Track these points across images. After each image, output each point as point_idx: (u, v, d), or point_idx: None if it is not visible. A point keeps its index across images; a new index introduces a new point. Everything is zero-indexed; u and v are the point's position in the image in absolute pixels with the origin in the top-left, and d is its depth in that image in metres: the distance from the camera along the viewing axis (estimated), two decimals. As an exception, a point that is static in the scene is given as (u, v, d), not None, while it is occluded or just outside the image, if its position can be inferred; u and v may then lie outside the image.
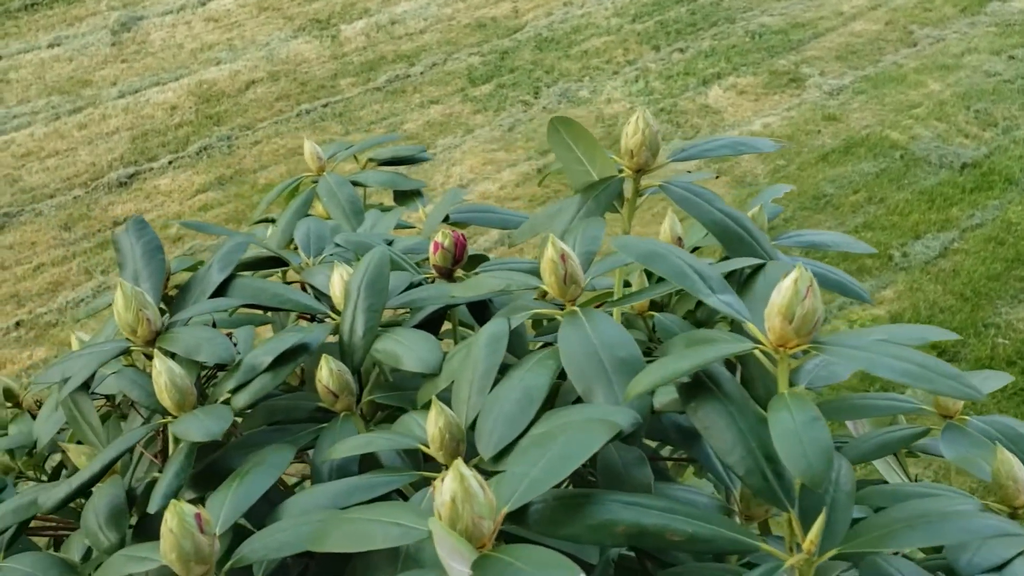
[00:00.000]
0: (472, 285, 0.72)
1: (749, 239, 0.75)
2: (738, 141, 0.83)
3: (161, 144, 5.38)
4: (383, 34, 6.19)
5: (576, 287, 0.67)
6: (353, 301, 0.76)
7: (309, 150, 1.19)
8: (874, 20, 6.33)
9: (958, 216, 4.72)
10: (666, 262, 0.62)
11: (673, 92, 5.65)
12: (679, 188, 0.76)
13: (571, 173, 0.80)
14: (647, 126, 0.78)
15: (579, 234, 0.73)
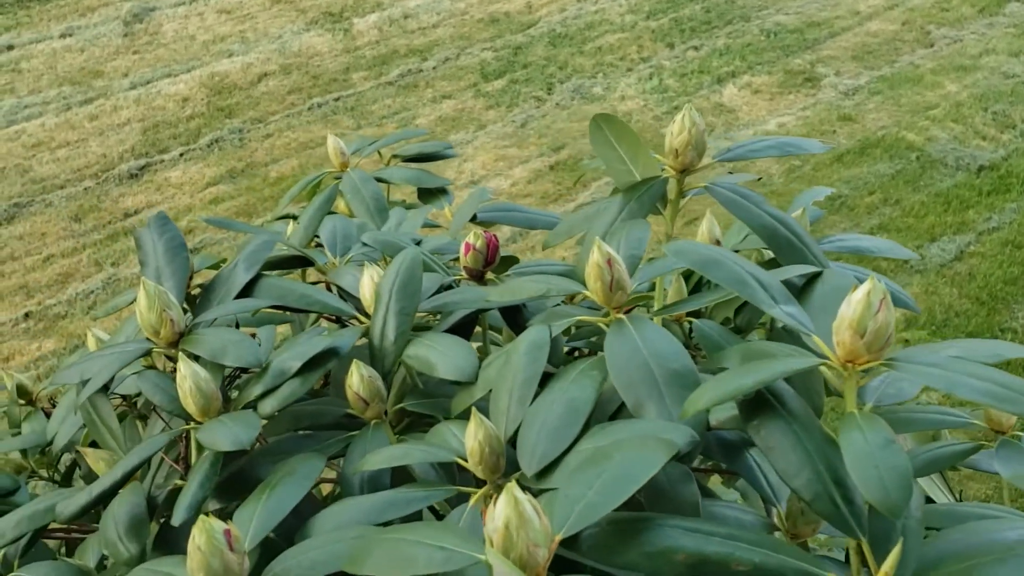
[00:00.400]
0: (510, 289, 0.69)
1: (799, 244, 0.71)
2: (785, 142, 0.79)
3: (172, 136, 5.36)
4: (396, 28, 6.16)
5: (622, 293, 0.64)
6: (384, 304, 0.73)
7: (332, 145, 1.16)
8: (891, 20, 6.28)
9: (974, 219, 4.67)
10: (725, 269, 0.59)
11: (687, 90, 5.60)
12: (725, 190, 0.72)
13: (613, 172, 0.77)
14: (693, 125, 0.75)
15: (622, 237, 0.70)
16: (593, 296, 0.65)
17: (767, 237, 0.71)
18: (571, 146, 5.17)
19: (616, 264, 0.63)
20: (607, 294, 0.64)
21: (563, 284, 0.67)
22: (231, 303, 0.74)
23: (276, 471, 0.63)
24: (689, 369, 0.58)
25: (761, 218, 0.71)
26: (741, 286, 0.58)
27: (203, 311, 0.75)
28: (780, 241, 0.71)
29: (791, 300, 0.57)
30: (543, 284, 0.66)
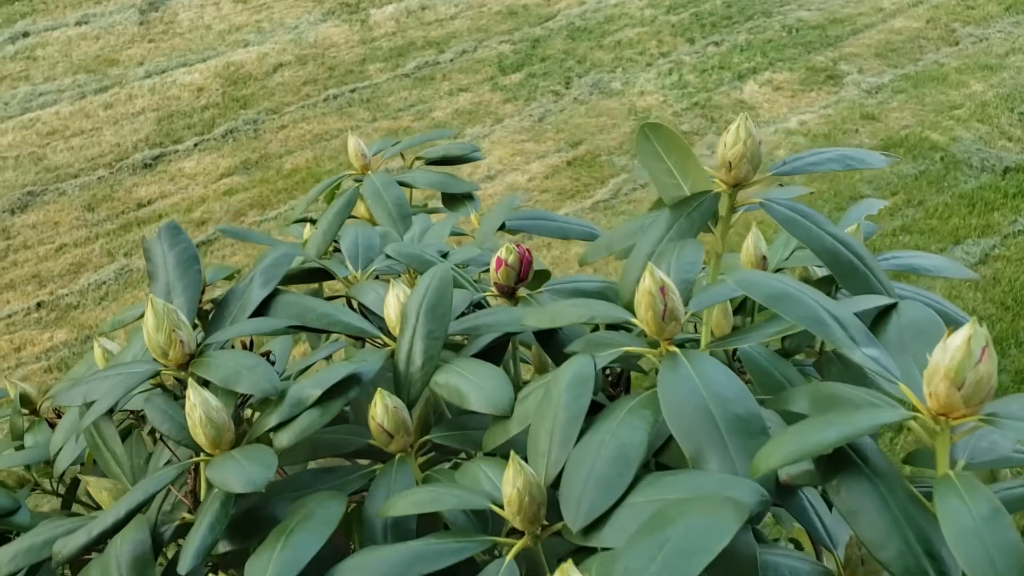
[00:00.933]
0: (548, 314, 0.63)
1: (862, 268, 0.65)
2: (846, 155, 0.73)
3: (187, 126, 5.31)
4: (413, 19, 6.09)
5: (676, 324, 0.58)
6: (411, 326, 0.68)
7: (353, 147, 1.10)
8: (915, 17, 6.18)
9: (999, 221, 4.59)
10: (799, 306, 0.53)
11: (707, 86, 5.52)
12: (782, 207, 0.66)
13: (660, 186, 0.71)
14: (749, 135, 0.69)
15: (672, 259, 0.64)
16: (643, 326, 0.59)
17: (829, 261, 0.65)
18: (589, 141, 5.10)
19: (670, 292, 0.57)
20: (659, 325, 0.58)
21: (607, 310, 0.61)
22: (246, 323, 0.68)
23: (293, 513, 0.57)
24: (754, 414, 0.52)
25: (822, 240, 0.65)
26: (819, 325, 0.52)
27: (216, 330, 0.69)
28: (843, 265, 0.65)
29: (872, 341, 0.51)
30: (585, 310, 0.61)
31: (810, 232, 0.67)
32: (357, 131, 5.14)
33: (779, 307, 0.53)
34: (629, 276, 0.67)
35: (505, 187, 4.86)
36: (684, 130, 5.12)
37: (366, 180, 1.08)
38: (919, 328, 0.49)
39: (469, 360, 0.66)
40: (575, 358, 0.59)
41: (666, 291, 0.57)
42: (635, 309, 0.59)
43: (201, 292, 0.74)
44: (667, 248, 0.67)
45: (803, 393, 0.54)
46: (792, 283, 0.55)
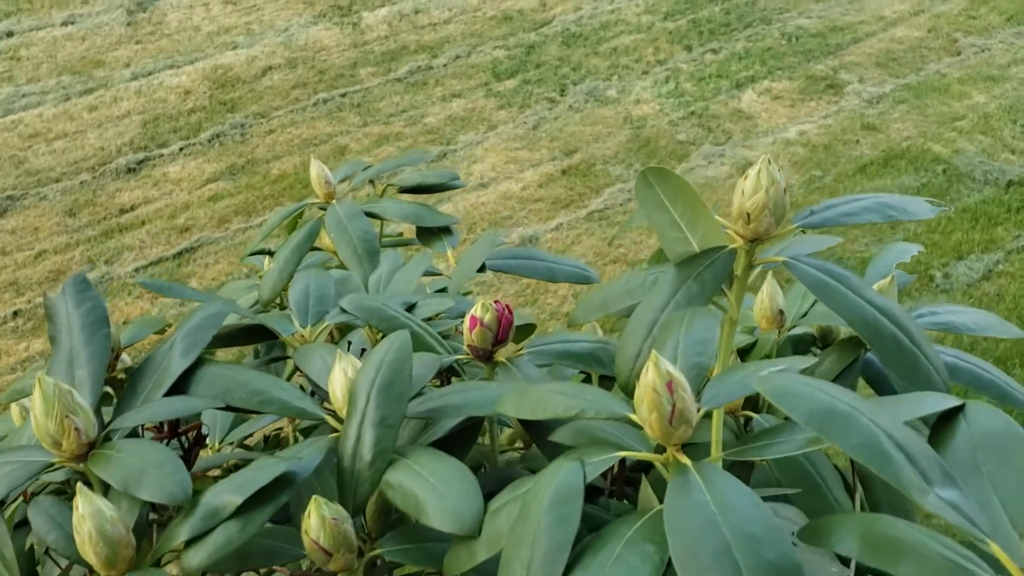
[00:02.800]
0: (529, 401, 0.51)
1: (910, 346, 0.53)
2: (886, 203, 0.61)
3: (173, 130, 5.18)
4: (406, 23, 5.97)
5: (686, 428, 0.46)
6: (360, 411, 0.55)
7: (316, 172, 0.98)
8: (916, 26, 6.08)
9: (1003, 236, 4.48)
10: (853, 431, 0.41)
11: (705, 95, 5.41)
12: (812, 268, 0.54)
13: (664, 239, 0.59)
14: (773, 183, 0.57)
15: (681, 334, 0.52)
16: (646, 428, 0.47)
17: (870, 336, 0.53)
18: (584, 150, 4.99)
19: (679, 389, 0.45)
20: (665, 429, 0.46)
21: (600, 402, 0.49)
22: (158, 403, 0.56)
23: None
24: (789, 560, 0.40)
25: (861, 309, 0.53)
26: (880, 459, 0.40)
27: (125, 409, 0.57)
28: (886, 342, 0.53)
29: (949, 479, 0.39)
30: (573, 400, 0.49)
31: (846, 300, 0.55)
32: (347, 136, 5.01)
33: (827, 432, 0.41)
34: (627, 350, 0.55)
35: (498, 195, 4.74)
36: (680, 140, 5.01)
37: (329, 210, 0.96)
38: (996, 443, 0.38)
39: (430, 454, 0.54)
40: (559, 466, 0.47)
41: (674, 387, 0.46)
42: (636, 405, 0.47)
43: (115, 357, 0.62)
44: (673, 318, 0.55)
45: (851, 528, 0.42)
46: (841, 395, 0.43)
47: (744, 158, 4.89)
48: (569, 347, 0.68)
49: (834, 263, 0.58)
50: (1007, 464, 0.41)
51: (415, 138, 5.03)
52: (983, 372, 0.69)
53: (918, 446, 0.41)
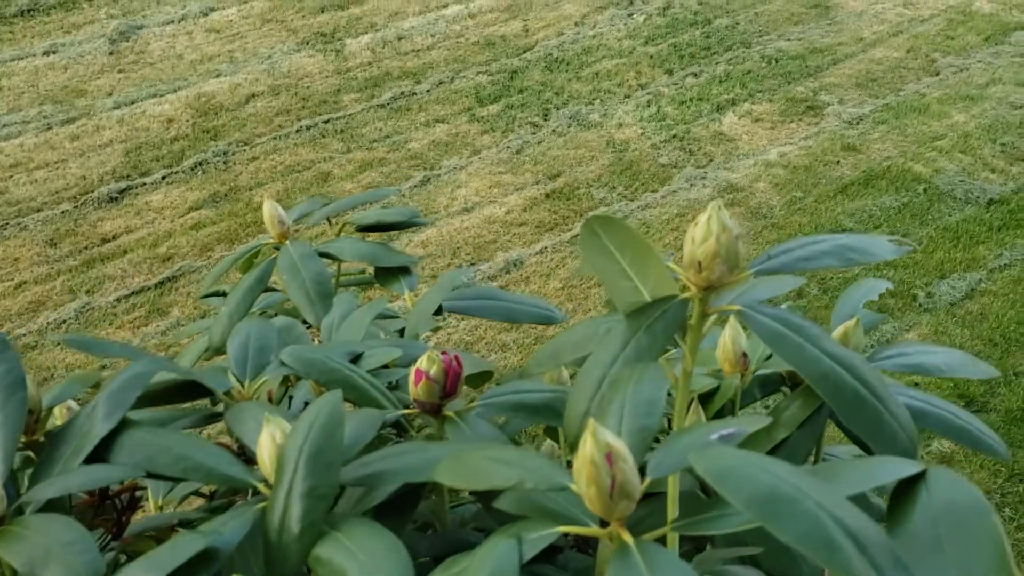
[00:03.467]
0: (467, 471, 0.50)
1: (872, 401, 0.53)
2: (846, 246, 0.61)
3: (155, 158, 5.17)
4: (389, 50, 5.99)
5: (628, 503, 0.45)
6: (287, 480, 0.54)
7: (269, 212, 0.97)
8: (895, 47, 6.13)
9: (985, 255, 4.50)
10: (799, 519, 0.40)
11: (686, 118, 5.44)
12: (767, 318, 0.54)
13: (613, 290, 0.58)
14: (724, 229, 0.56)
15: (628, 393, 0.51)
16: (585, 502, 0.46)
17: (828, 390, 0.52)
18: (567, 174, 5.00)
19: (619, 460, 0.44)
20: (606, 504, 0.45)
21: (543, 471, 0.48)
22: (74, 473, 0.54)
23: None
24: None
25: (819, 363, 0.53)
26: (827, 551, 0.38)
27: (42, 478, 0.55)
28: (846, 397, 0.52)
29: (902, 569, 0.38)
30: (515, 471, 0.48)
31: (803, 352, 0.54)
32: (330, 162, 5.01)
33: (769, 519, 0.40)
34: (576, 408, 0.55)
35: (482, 219, 4.74)
36: (663, 163, 5.03)
37: (282, 251, 0.94)
38: (960, 517, 0.37)
39: (364, 527, 0.52)
40: (495, 544, 0.46)
41: (614, 459, 0.44)
42: (575, 478, 0.46)
43: (35, 421, 0.60)
44: (622, 375, 0.54)
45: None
46: (787, 474, 0.42)
47: (726, 180, 4.91)
48: (523, 398, 0.67)
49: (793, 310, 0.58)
50: (971, 542, 0.39)
51: (399, 163, 5.03)
52: (954, 417, 0.68)
53: (869, 532, 0.40)
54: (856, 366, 0.53)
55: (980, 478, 3.43)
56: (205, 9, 6.38)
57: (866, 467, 0.48)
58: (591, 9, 6.46)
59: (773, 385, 0.84)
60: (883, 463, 0.48)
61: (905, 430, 0.52)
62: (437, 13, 6.36)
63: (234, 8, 6.40)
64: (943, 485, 0.45)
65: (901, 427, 0.52)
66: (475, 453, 0.53)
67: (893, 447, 0.52)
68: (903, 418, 0.52)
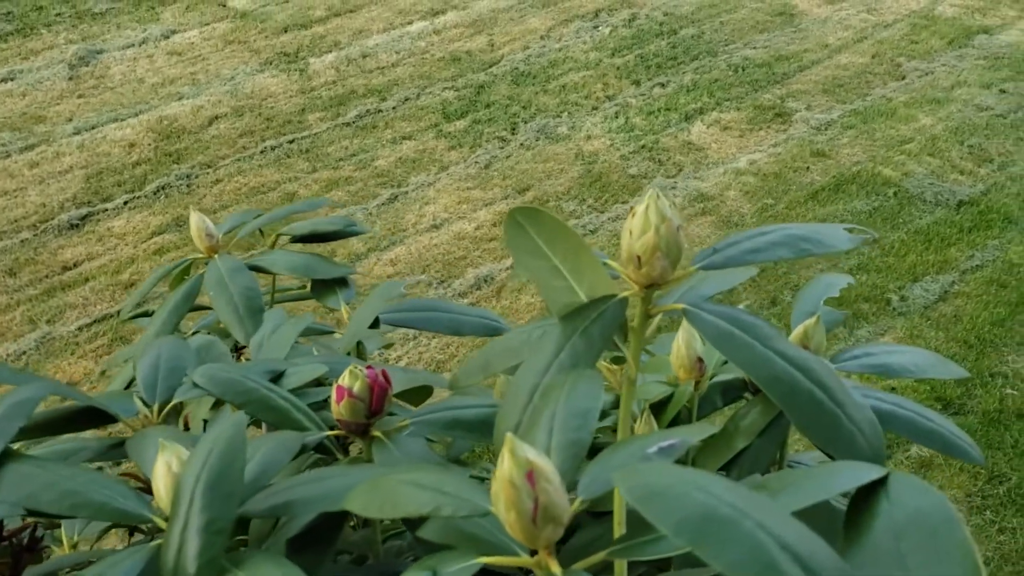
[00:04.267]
0: (380, 499, 0.44)
1: (830, 406, 0.47)
2: (798, 236, 0.55)
3: (117, 183, 5.08)
4: (354, 67, 5.93)
5: (555, 528, 0.39)
6: (183, 513, 0.48)
7: (196, 224, 0.91)
8: (860, 52, 6.14)
9: (957, 257, 4.49)
10: (736, 544, 0.34)
11: (654, 128, 5.41)
12: (714, 317, 0.48)
13: (546, 290, 0.52)
14: (663, 220, 0.50)
15: (558, 406, 0.45)
16: (506, 528, 0.40)
17: (781, 394, 0.46)
18: (536, 187, 4.95)
19: (543, 479, 0.38)
20: (528, 529, 0.39)
21: (462, 495, 0.42)
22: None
23: None
24: None
25: (770, 364, 0.47)
26: (767, 572, 0.33)
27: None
28: (801, 402, 0.46)
29: None
30: (429, 496, 0.41)
31: (753, 353, 0.48)
32: (296, 182, 4.94)
33: (701, 546, 0.34)
34: (506, 421, 0.49)
35: (452, 236, 4.68)
36: (632, 173, 4.99)
37: (210, 266, 0.88)
38: (925, 529, 0.31)
39: (269, 561, 0.46)
40: (412, 574, 0.40)
41: (536, 479, 0.38)
42: (494, 502, 0.40)
43: None
44: (554, 384, 0.48)
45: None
46: (725, 493, 0.36)
47: (696, 189, 4.88)
48: (459, 414, 0.60)
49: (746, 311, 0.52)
50: (938, 558, 0.34)
51: (365, 181, 4.97)
52: (924, 420, 0.62)
53: (819, 553, 0.34)
54: (812, 368, 0.47)
55: (960, 481, 3.39)
56: (166, 32, 6.30)
57: (822, 475, 0.42)
58: (556, 22, 6.44)
59: (736, 391, 0.78)
60: (839, 470, 0.42)
61: (866, 435, 0.46)
62: (402, 30, 6.32)
63: (196, 30, 6.33)
64: (906, 493, 0.39)
65: (861, 432, 0.46)
66: (391, 477, 0.47)
67: (852, 453, 0.46)
68: (864, 422, 0.46)
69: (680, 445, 0.43)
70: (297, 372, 0.66)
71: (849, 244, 0.58)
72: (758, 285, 4.27)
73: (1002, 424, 3.66)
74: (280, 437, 0.56)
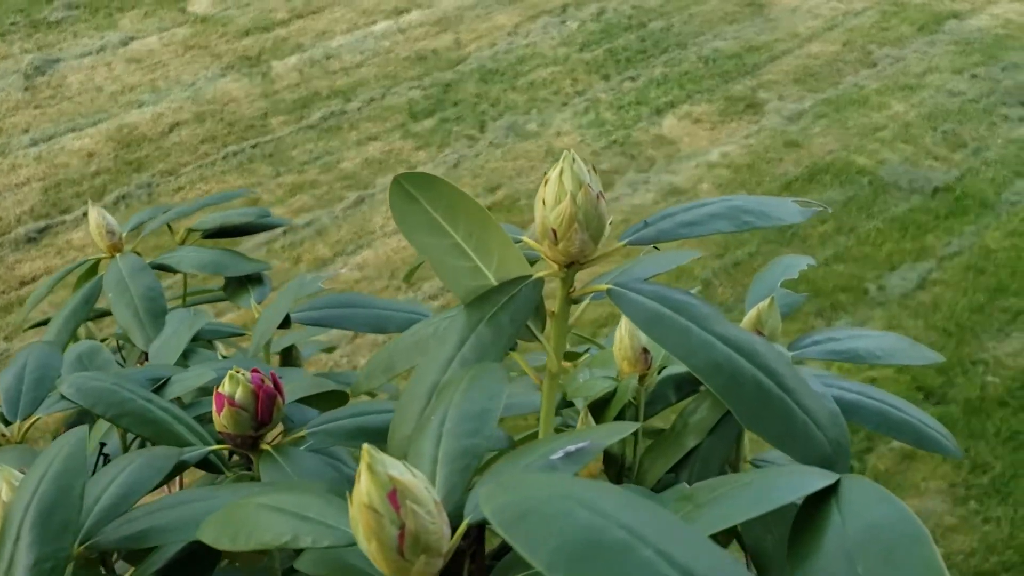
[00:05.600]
0: (233, 529, 0.35)
1: (779, 394, 0.38)
2: (739, 208, 0.46)
3: (76, 194, 4.95)
4: (317, 69, 5.82)
5: (429, 559, 0.30)
6: (9, 549, 0.39)
7: (95, 221, 0.82)
8: (831, 41, 6.10)
9: (934, 244, 4.44)
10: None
11: (625, 123, 5.34)
12: (642, 296, 0.39)
13: (446, 272, 0.43)
14: (579, 186, 0.42)
15: (451, 408, 0.36)
16: (370, 558, 0.31)
17: (722, 384, 0.38)
18: (507, 185, 4.86)
19: (410, 501, 0.29)
20: (395, 562, 0.30)
21: (326, 521, 0.33)
22: None
23: None
24: None
25: (709, 349, 0.38)
26: None
27: None
28: (745, 391, 0.38)
29: None
30: (288, 521, 0.33)
31: (688, 337, 0.39)
32: (259, 187, 4.83)
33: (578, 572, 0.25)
34: (400, 429, 0.40)
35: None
36: (604, 169, 4.91)
37: (110, 266, 0.79)
38: (883, 546, 0.23)
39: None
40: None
41: (401, 499, 0.30)
42: (352, 528, 0.31)
43: None
44: (451, 381, 0.39)
45: None
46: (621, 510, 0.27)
47: (669, 183, 4.81)
48: (365, 421, 0.52)
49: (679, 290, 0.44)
50: (897, 575, 0.26)
51: (331, 185, 4.86)
52: (894, 411, 0.54)
53: None
54: (758, 351, 0.38)
55: (944, 471, 3.32)
56: (125, 39, 6.17)
57: (761, 482, 0.34)
58: (523, 18, 6.36)
59: (691, 385, 0.70)
60: (781, 476, 0.34)
61: (824, 428, 0.38)
62: (366, 30, 6.22)
63: (155, 36, 6.20)
64: (862, 502, 0.31)
65: (818, 425, 0.38)
66: (249, 501, 0.38)
67: (808, 451, 0.38)
68: (821, 414, 0.38)
69: (590, 448, 0.35)
70: (182, 380, 0.57)
71: (799, 217, 0.49)
72: (733, 278, 4.21)
73: (984, 412, 3.60)
74: (150, 454, 0.47)
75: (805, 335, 0.62)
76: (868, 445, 3.39)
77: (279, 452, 0.50)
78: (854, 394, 0.55)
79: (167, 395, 0.56)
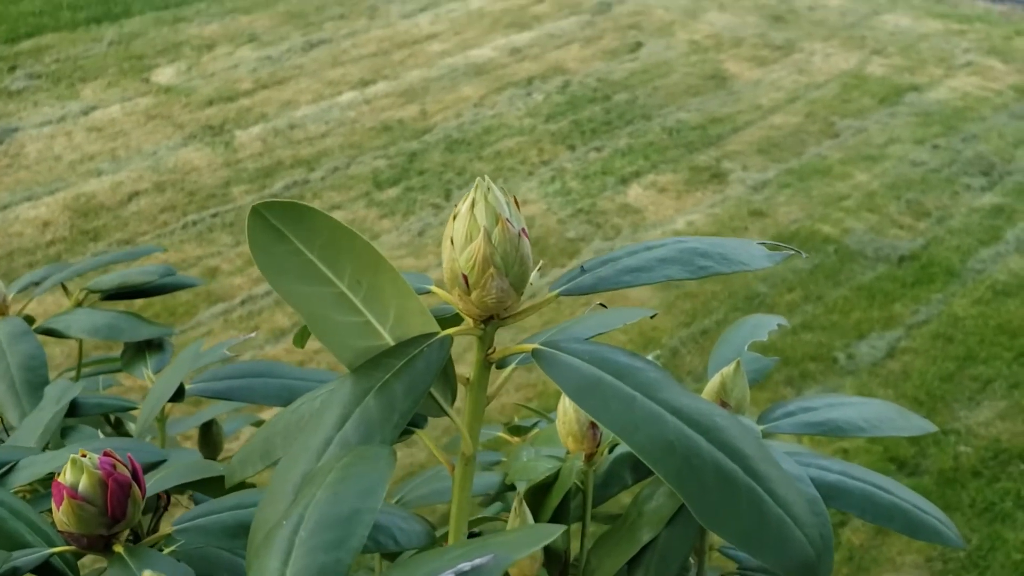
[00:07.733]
0: None
1: (745, 480, 0.29)
2: (694, 250, 0.39)
3: (29, 264, 4.81)
4: (281, 139, 5.77)
5: None
6: None
7: (-27, 281, 0.71)
8: (793, 112, 6.15)
9: (901, 312, 4.41)
10: None
11: (591, 192, 5.31)
12: (578, 360, 0.30)
13: (327, 329, 0.34)
14: (496, 221, 0.33)
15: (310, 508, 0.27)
16: None
17: (672, 470, 0.29)
18: (471, 255, 4.79)
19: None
20: None
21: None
22: None
23: None
24: None
25: (656, 423, 0.29)
26: None
27: None
28: (702, 477, 0.29)
29: None
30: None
31: (631, 408, 0.31)
32: (218, 256, 4.72)
33: None
34: (258, 530, 0.30)
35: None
36: (570, 237, 4.86)
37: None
38: None
39: None
40: None
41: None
42: None
43: None
44: (319, 471, 0.30)
45: None
46: None
47: (635, 252, 4.76)
48: (248, 515, 0.42)
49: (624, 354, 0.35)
50: None
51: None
52: (882, 493, 0.45)
53: None
54: (719, 426, 0.30)
55: (919, 545, 3.22)
56: (86, 108, 6.10)
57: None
58: (489, 90, 6.38)
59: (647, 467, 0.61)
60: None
61: (804, 527, 0.29)
62: (331, 101, 6.20)
63: (117, 105, 6.14)
64: None
65: (797, 522, 0.29)
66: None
67: (785, 555, 0.29)
68: (799, 506, 0.29)
69: (493, 563, 0.26)
70: (32, 465, 0.47)
71: (767, 262, 0.41)
72: (701, 347, 4.13)
73: (958, 483, 3.52)
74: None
75: (776, 405, 0.53)
76: (842, 518, 3.29)
77: (133, 556, 0.40)
78: (835, 474, 0.46)
79: (10, 484, 0.47)
